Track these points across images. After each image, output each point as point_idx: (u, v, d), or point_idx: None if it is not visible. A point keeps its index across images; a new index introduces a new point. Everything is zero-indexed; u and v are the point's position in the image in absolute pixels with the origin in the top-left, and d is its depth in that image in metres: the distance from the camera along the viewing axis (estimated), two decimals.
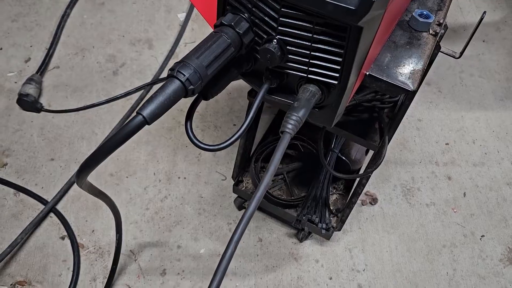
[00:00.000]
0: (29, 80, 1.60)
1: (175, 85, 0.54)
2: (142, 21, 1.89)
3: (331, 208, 1.29)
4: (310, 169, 1.32)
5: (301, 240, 1.35)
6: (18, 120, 1.57)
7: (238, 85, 1.67)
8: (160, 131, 1.57)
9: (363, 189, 1.14)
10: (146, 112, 0.53)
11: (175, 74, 0.55)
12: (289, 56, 0.63)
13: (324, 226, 1.24)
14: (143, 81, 1.70)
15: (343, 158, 1.26)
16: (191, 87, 0.55)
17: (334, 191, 1.35)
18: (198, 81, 0.56)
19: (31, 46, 1.77)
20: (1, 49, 1.75)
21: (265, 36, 0.62)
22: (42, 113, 1.59)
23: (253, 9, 0.62)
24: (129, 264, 1.31)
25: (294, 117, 0.61)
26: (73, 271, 1.30)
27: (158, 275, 1.29)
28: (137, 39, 1.83)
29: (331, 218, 1.28)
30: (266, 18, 0.61)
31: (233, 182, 1.33)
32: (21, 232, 1.33)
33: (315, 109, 0.70)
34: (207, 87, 0.62)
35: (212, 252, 1.33)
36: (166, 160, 1.51)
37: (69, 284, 1.27)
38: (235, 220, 1.40)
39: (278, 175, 1.36)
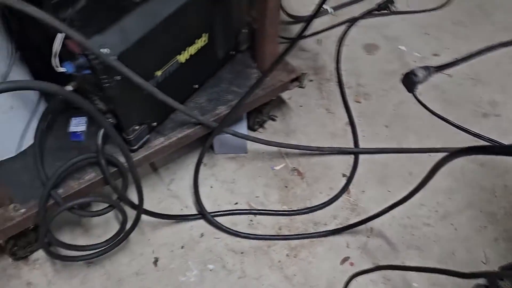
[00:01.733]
0: (426, 68, 1.81)
1: None
2: None
3: None
4: None
5: None
6: (400, 92, 1.83)
7: None
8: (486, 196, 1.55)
9: None
10: None
11: None
12: None
13: None
14: None
15: None
16: None
17: None
18: None
19: (448, 49, 1.97)
20: (428, 34, 2.02)
21: None
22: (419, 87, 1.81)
23: None
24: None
25: None
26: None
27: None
28: None
29: None
30: None
31: None
32: None
33: None
34: None
35: None
36: (464, 212, 1.50)
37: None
38: None
39: None
